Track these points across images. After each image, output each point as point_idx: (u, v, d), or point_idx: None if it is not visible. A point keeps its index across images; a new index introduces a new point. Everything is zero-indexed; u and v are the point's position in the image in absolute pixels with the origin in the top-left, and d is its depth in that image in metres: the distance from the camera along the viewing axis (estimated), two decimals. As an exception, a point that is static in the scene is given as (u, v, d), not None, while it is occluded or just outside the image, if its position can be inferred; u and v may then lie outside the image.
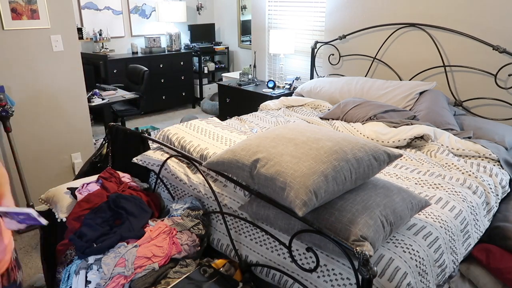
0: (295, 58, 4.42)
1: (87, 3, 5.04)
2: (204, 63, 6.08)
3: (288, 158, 1.36)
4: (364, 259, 1.09)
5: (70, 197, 1.88)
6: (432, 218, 1.63)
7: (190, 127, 2.13)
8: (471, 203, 1.83)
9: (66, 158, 3.17)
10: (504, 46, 2.75)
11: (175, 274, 1.51)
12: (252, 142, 1.53)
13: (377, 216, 1.32)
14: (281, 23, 4.44)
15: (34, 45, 2.79)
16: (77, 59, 3.03)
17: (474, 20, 2.89)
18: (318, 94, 3.45)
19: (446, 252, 1.56)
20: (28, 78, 2.82)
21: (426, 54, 3.20)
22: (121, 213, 1.73)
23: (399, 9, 3.29)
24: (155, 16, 5.73)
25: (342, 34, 3.71)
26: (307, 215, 1.35)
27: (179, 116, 5.73)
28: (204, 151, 1.86)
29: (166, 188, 2.03)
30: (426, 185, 1.93)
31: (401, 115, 2.73)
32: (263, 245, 1.60)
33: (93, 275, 1.48)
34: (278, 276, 1.52)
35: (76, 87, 3.08)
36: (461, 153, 2.29)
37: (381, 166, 1.46)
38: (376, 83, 3.18)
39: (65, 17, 2.88)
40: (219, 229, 1.77)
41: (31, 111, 2.89)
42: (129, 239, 1.61)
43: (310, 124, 1.69)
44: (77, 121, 3.15)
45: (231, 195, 1.72)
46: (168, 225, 1.68)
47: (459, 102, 3.05)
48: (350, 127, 2.64)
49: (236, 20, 5.99)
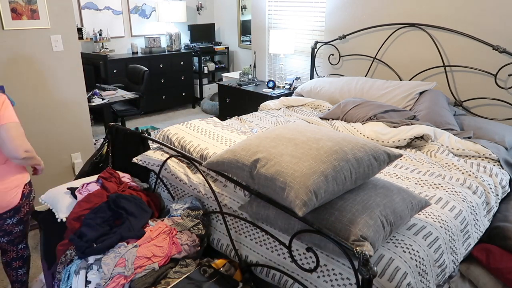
0: (295, 58, 4.42)
1: (87, 3, 5.04)
2: (204, 63, 6.08)
3: (288, 158, 1.36)
4: (364, 259, 1.09)
5: (70, 197, 1.88)
6: (432, 218, 1.63)
7: (190, 127, 2.13)
8: (471, 203, 1.83)
9: (66, 158, 3.17)
10: (504, 46, 2.75)
11: (175, 274, 1.51)
12: (252, 142, 1.53)
13: (377, 216, 1.32)
14: (281, 23, 4.44)
15: (34, 45, 2.79)
16: (77, 59, 3.03)
17: (474, 20, 2.89)
18: (318, 94, 3.45)
19: (446, 252, 1.56)
20: (28, 78, 2.82)
21: (426, 54, 3.20)
22: (121, 213, 1.73)
23: (399, 9, 3.29)
24: (155, 16, 5.73)
25: (342, 34, 3.71)
26: (307, 215, 1.34)
27: (179, 116, 5.73)
28: (204, 151, 1.86)
29: (166, 188, 2.03)
30: (426, 185, 1.93)
31: (401, 115, 2.73)
32: (263, 245, 1.60)
33: (93, 275, 1.48)
34: (278, 276, 1.52)
35: (76, 87, 3.08)
36: (461, 153, 2.29)
37: (381, 166, 1.46)
38: (376, 83, 3.18)
39: (65, 17, 2.88)
40: (219, 229, 1.77)
41: (31, 111, 2.89)
42: (129, 239, 1.61)
43: (310, 124, 1.69)
44: (77, 121, 3.15)
45: (231, 195, 1.72)
46: (168, 225, 1.67)
47: (459, 102, 3.05)
48: (350, 127, 2.64)
49: (236, 20, 5.99)
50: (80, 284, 1.48)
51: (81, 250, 1.55)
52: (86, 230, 1.62)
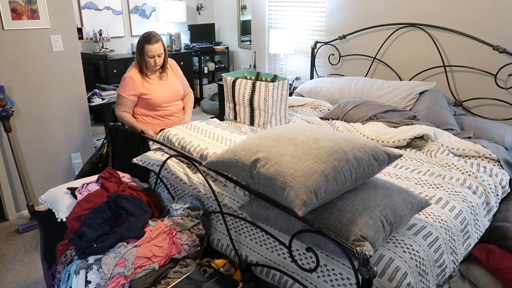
0: (295, 58, 4.41)
1: (87, 3, 5.04)
2: (204, 63, 6.07)
3: (288, 158, 1.36)
4: (364, 259, 1.09)
5: (70, 197, 1.88)
6: (432, 218, 1.63)
7: (190, 128, 2.13)
8: (471, 203, 1.83)
9: (66, 158, 3.17)
10: (504, 46, 2.75)
11: (175, 274, 1.51)
12: (252, 142, 1.53)
13: (377, 216, 1.32)
14: (281, 23, 4.44)
15: (34, 45, 2.79)
16: (77, 59, 3.04)
17: (474, 20, 2.89)
18: (318, 94, 3.45)
19: (446, 252, 1.56)
20: (28, 78, 2.82)
21: (426, 54, 3.20)
22: (121, 213, 1.73)
23: (399, 9, 3.29)
24: (155, 16, 5.73)
25: (342, 34, 3.71)
26: (307, 215, 1.35)
27: (179, 116, 5.72)
28: (204, 151, 1.86)
29: (166, 188, 2.03)
30: (426, 185, 1.93)
31: (401, 115, 2.73)
32: (263, 245, 1.60)
33: (93, 275, 1.48)
34: (278, 276, 1.52)
35: (76, 87, 3.08)
36: (461, 153, 2.29)
37: (381, 166, 1.46)
38: (376, 83, 3.18)
39: (65, 17, 2.88)
40: (219, 229, 1.77)
41: (31, 111, 2.89)
42: (129, 239, 1.61)
43: (310, 124, 1.69)
44: (77, 121, 3.15)
45: (231, 195, 1.72)
46: (168, 225, 1.67)
47: (459, 102, 3.05)
48: (350, 127, 2.64)
49: (236, 20, 5.99)
50: (80, 284, 1.48)
51: (81, 250, 1.55)
52: (86, 230, 1.62)
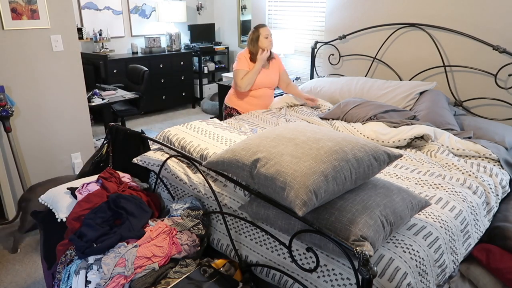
0: (295, 58, 4.41)
1: (87, 3, 5.04)
2: (204, 63, 6.08)
3: (288, 158, 1.36)
4: (364, 259, 1.09)
5: (70, 197, 1.88)
6: (432, 218, 1.63)
7: (190, 128, 2.13)
8: (471, 203, 1.83)
9: (66, 158, 3.17)
10: (504, 46, 2.75)
11: (175, 274, 1.51)
12: (252, 142, 1.53)
13: (377, 216, 1.32)
14: (281, 23, 4.44)
15: (34, 45, 2.79)
16: (77, 59, 3.03)
17: (474, 20, 2.89)
18: (318, 94, 3.45)
19: (446, 252, 1.56)
20: (28, 78, 2.82)
21: (426, 54, 3.20)
22: (121, 213, 1.73)
23: (399, 9, 3.29)
24: (155, 16, 5.73)
25: (342, 34, 3.71)
26: (307, 215, 1.35)
27: (179, 116, 5.73)
28: (204, 151, 1.86)
29: (166, 188, 2.03)
30: (426, 185, 1.93)
31: (401, 115, 2.73)
32: (263, 245, 1.60)
33: (93, 275, 1.48)
34: (278, 276, 1.52)
35: (76, 87, 3.08)
36: (461, 153, 2.29)
37: (381, 166, 1.46)
38: (376, 83, 3.18)
39: (65, 17, 2.88)
40: (219, 229, 1.77)
41: (31, 111, 2.89)
42: (129, 239, 1.61)
43: (310, 124, 1.69)
44: (77, 121, 3.15)
45: (231, 195, 1.72)
46: (168, 225, 1.67)
47: (459, 102, 3.05)
48: (350, 127, 2.64)
49: (236, 20, 5.99)
50: (80, 284, 1.48)
51: (81, 250, 1.55)
52: (86, 230, 1.62)
